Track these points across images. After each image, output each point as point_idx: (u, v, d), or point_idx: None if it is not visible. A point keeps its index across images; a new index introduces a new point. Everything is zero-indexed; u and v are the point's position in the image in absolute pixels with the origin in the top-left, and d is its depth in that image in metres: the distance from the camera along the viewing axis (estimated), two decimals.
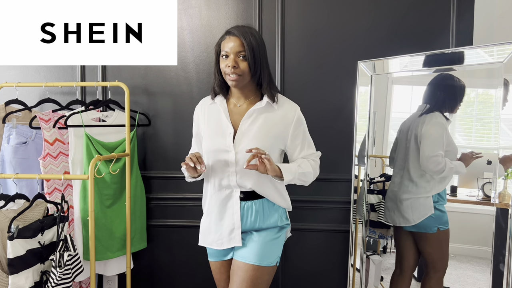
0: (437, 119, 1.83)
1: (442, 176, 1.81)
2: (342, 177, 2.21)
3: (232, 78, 1.47)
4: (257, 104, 1.54)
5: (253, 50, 1.46)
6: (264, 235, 1.54)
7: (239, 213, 1.52)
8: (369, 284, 2.11)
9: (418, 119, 1.89)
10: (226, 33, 1.51)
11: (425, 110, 1.87)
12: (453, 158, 1.78)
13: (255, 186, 1.52)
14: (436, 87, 1.86)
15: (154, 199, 2.37)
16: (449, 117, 1.81)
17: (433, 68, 1.82)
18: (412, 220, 1.91)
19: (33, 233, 1.70)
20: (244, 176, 1.51)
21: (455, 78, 1.78)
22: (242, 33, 1.46)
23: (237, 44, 1.46)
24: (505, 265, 1.55)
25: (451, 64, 1.76)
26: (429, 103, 1.88)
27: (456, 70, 1.76)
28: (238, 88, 1.54)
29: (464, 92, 1.77)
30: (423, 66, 1.85)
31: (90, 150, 2.02)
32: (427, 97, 1.90)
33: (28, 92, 2.38)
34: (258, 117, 1.53)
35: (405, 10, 2.16)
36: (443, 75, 1.82)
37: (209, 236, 1.59)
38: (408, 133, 1.92)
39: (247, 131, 1.52)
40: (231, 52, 1.47)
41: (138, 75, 2.35)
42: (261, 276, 1.49)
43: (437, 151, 1.81)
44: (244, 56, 1.46)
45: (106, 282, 2.35)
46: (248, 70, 1.47)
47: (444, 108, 1.82)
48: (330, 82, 2.22)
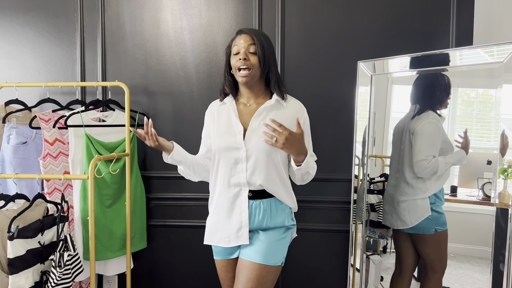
0: (430, 118, 1.84)
1: (437, 175, 1.82)
2: (342, 177, 2.21)
3: (243, 73, 1.51)
4: (267, 103, 1.57)
5: (263, 47, 1.52)
6: (271, 235, 1.55)
7: (247, 211, 1.53)
8: (369, 284, 2.11)
9: (411, 121, 1.90)
10: (237, 32, 1.58)
11: (417, 111, 1.88)
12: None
13: (264, 183, 1.53)
14: (423, 87, 1.88)
15: (154, 199, 2.37)
16: (441, 114, 1.83)
17: (433, 68, 1.82)
18: (410, 222, 1.91)
19: (33, 233, 1.70)
20: (255, 173, 1.53)
21: (439, 75, 1.81)
22: (253, 32, 1.54)
23: (248, 39, 1.53)
24: (505, 265, 1.54)
25: (451, 64, 1.76)
26: (418, 103, 1.90)
27: (457, 70, 1.76)
28: (248, 87, 1.58)
29: (451, 87, 1.80)
30: (423, 66, 1.85)
31: (90, 150, 2.02)
32: (416, 97, 1.92)
33: (28, 92, 2.38)
34: (268, 115, 1.56)
35: (405, 10, 2.16)
36: (426, 74, 1.85)
37: (216, 234, 1.60)
38: (403, 135, 1.93)
39: (257, 128, 1.54)
40: (242, 47, 1.52)
41: (138, 75, 2.35)
42: (267, 275, 1.50)
43: (426, 153, 1.81)
44: (255, 52, 1.52)
45: (106, 282, 2.35)
46: (258, 64, 1.52)
47: (435, 105, 1.84)
48: (330, 82, 2.22)
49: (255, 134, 1.53)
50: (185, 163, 1.62)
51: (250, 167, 1.52)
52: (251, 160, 1.52)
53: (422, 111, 1.87)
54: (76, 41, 2.37)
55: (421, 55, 1.84)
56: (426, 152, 1.82)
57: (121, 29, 2.35)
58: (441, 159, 1.78)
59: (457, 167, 1.80)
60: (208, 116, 1.69)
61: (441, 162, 1.78)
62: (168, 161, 1.59)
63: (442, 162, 1.78)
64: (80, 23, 2.36)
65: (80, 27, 2.36)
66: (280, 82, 1.59)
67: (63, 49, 2.39)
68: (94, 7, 2.35)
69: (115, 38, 2.35)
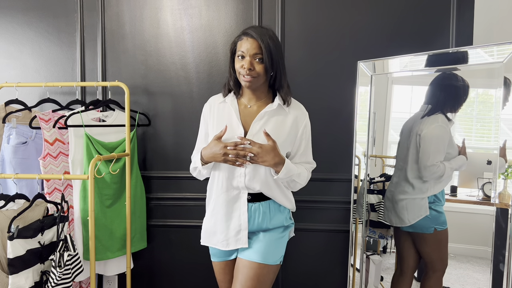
0: (439, 122, 1.82)
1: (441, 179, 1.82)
2: (342, 177, 2.21)
3: (247, 79, 1.47)
4: (269, 106, 1.53)
5: (271, 52, 1.44)
6: (270, 234, 1.55)
7: (247, 214, 1.52)
8: (369, 284, 2.11)
9: (420, 120, 1.88)
10: (243, 33, 1.48)
11: (427, 112, 1.86)
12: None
13: (263, 188, 1.52)
14: (438, 87, 1.84)
15: (154, 199, 2.37)
16: (451, 118, 1.80)
17: (434, 68, 1.82)
18: (407, 220, 1.91)
19: (33, 233, 1.70)
20: (253, 178, 1.51)
21: (459, 77, 1.76)
22: (260, 35, 1.43)
23: (254, 47, 1.44)
24: (505, 265, 1.54)
25: (451, 64, 1.76)
26: (430, 103, 1.87)
27: (458, 70, 1.76)
28: (251, 90, 1.54)
29: (468, 92, 1.75)
30: (423, 66, 1.84)
31: (90, 150, 2.02)
32: (429, 97, 1.88)
33: (28, 92, 2.38)
34: (270, 120, 1.53)
35: (405, 10, 2.16)
36: (445, 74, 1.80)
37: (215, 237, 1.59)
38: (411, 134, 1.91)
39: (258, 133, 1.51)
40: (247, 54, 1.45)
41: (138, 75, 2.35)
42: (266, 274, 1.50)
43: (436, 159, 1.80)
44: (261, 59, 1.45)
45: (106, 282, 2.35)
46: (264, 73, 1.47)
47: (446, 109, 1.81)
48: (330, 82, 2.22)
49: (256, 139, 1.49)
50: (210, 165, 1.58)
51: (249, 172, 1.51)
52: (250, 165, 1.50)
53: (432, 113, 1.84)
54: (76, 41, 2.37)
55: (421, 55, 1.83)
56: (436, 158, 1.80)
57: (121, 29, 2.34)
58: (447, 165, 1.78)
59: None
60: (206, 111, 1.64)
61: (447, 168, 1.78)
62: (206, 168, 1.55)
63: (448, 167, 1.78)
64: (80, 23, 2.36)
65: (80, 27, 2.36)
66: (288, 87, 1.55)
67: (63, 49, 2.39)
68: (94, 7, 2.35)
69: (115, 38, 2.35)
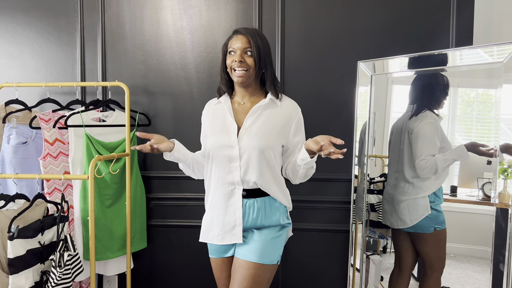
0: (428, 118, 1.84)
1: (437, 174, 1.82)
2: (342, 177, 2.21)
3: (239, 73, 1.53)
4: (261, 102, 1.59)
5: (259, 47, 1.54)
6: (266, 233, 1.56)
7: (241, 210, 1.55)
8: (369, 284, 2.11)
9: (409, 120, 1.90)
10: (234, 32, 1.59)
11: (414, 111, 1.89)
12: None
13: (258, 180, 1.54)
14: (422, 87, 1.89)
15: (154, 199, 2.37)
16: (439, 113, 1.83)
17: (433, 68, 1.82)
18: (410, 221, 1.91)
19: (33, 233, 1.70)
20: (248, 170, 1.54)
21: (438, 75, 1.81)
22: (249, 33, 1.55)
23: (244, 41, 1.54)
24: (505, 265, 1.54)
25: (451, 64, 1.76)
26: (416, 103, 1.90)
27: (457, 70, 1.76)
28: (243, 87, 1.60)
29: (449, 87, 1.80)
30: (423, 66, 1.85)
31: (90, 150, 2.02)
32: (414, 97, 1.92)
33: (28, 92, 2.38)
34: (262, 114, 1.58)
35: (405, 10, 2.16)
36: (424, 74, 1.85)
37: (211, 231, 1.61)
38: (401, 135, 1.93)
39: (251, 126, 1.56)
40: (237, 49, 1.54)
41: (138, 75, 2.35)
42: (262, 274, 1.51)
43: (425, 154, 1.82)
44: (251, 52, 1.53)
45: (106, 282, 2.35)
46: (254, 65, 1.54)
47: (433, 106, 1.84)
48: (330, 82, 2.22)
49: (248, 132, 1.55)
50: (185, 161, 1.63)
51: (244, 165, 1.54)
52: (244, 157, 1.54)
53: (420, 111, 1.87)
54: (76, 41, 2.37)
55: (420, 55, 1.83)
56: (425, 153, 1.83)
57: (121, 29, 2.35)
58: (439, 157, 1.79)
59: (457, 166, 1.80)
60: (205, 115, 1.72)
61: (439, 160, 1.78)
62: (168, 158, 1.58)
63: (441, 160, 1.78)
64: (80, 23, 2.36)
65: (80, 27, 2.36)
66: (276, 82, 1.62)
67: (63, 49, 2.39)
68: (94, 7, 2.35)
69: (115, 38, 2.35)
